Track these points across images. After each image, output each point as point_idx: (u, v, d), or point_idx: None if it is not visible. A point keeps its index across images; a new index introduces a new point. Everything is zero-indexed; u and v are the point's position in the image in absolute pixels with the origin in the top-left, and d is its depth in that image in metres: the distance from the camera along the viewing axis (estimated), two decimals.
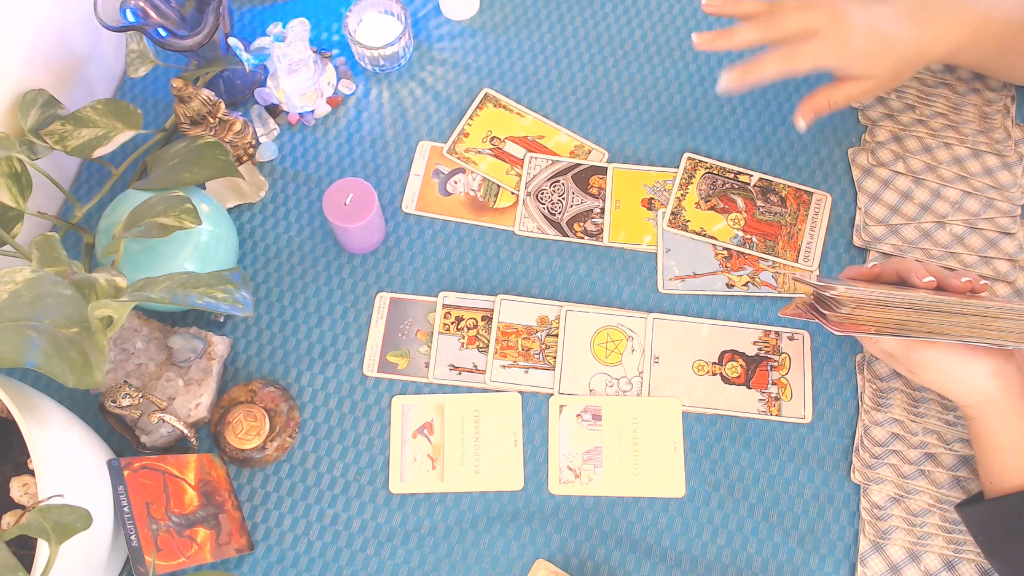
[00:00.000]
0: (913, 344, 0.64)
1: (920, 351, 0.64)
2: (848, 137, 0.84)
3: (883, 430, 0.72)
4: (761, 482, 0.72)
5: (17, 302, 0.52)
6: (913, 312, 0.62)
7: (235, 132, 0.81)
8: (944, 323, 0.61)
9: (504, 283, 0.79)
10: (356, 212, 0.74)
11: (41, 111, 0.75)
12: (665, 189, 0.82)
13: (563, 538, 0.71)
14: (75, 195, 0.84)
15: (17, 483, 0.61)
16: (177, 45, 0.75)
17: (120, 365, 0.73)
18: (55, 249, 0.61)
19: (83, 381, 0.51)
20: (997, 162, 0.80)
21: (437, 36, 0.90)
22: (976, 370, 0.63)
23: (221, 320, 0.78)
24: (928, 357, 0.64)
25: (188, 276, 0.61)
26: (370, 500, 0.72)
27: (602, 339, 0.76)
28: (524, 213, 0.81)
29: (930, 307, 0.61)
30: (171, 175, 0.73)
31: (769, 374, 0.75)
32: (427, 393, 0.75)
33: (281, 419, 0.72)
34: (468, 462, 0.73)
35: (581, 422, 0.74)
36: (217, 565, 0.68)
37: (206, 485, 0.69)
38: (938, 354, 0.64)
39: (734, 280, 0.78)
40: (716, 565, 0.70)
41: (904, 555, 0.68)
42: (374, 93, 0.87)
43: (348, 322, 0.78)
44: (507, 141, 0.84)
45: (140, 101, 0.88)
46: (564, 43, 0.89)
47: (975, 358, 0.63)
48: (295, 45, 0.80)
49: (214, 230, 0.73)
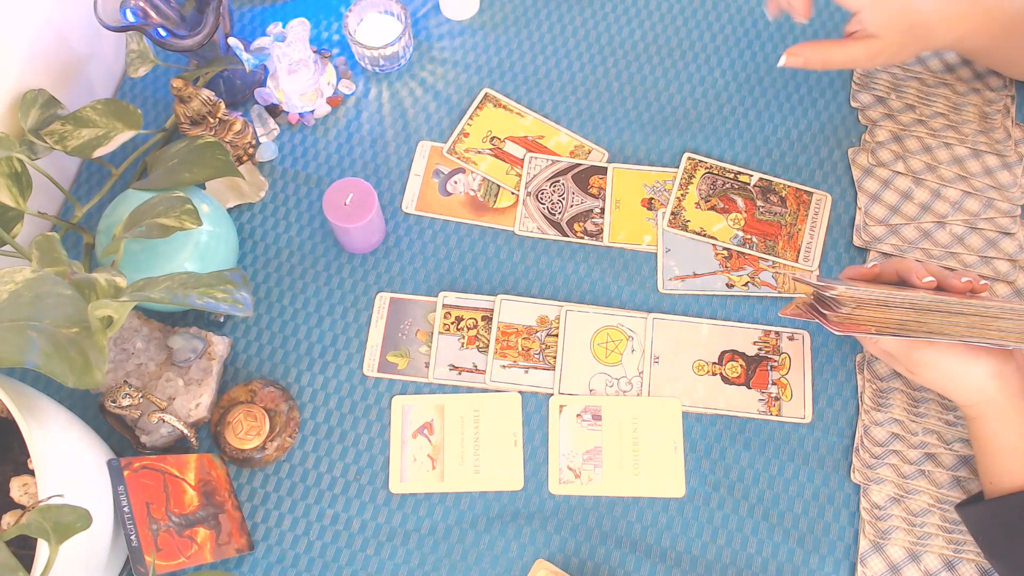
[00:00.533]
0: (913, 344, 0.64)
1: (920, 351, 0.64)
2: (848, 137, 0.84)
3: (883, 430, 0.72)
4: (761, 482, 0.72)
5: (17, 302, 0.52)
6: (913, 312, 0.62)
7: (235, 132, 0.81)
8: (944, 323, 0.61)
9: (504, 283, 0.79)
10: (356, 212, 0.74)
11: (41, 111, 0.75)
12: (665, 189, 0.82)
13: (563, 538, 0.71)
14: (75, 195, 0.84)
15: (17, 483, 0.61)
16: (177, 45, 0.75)
17: (120, 365, 0.73)
18: (55, 249, 0.61)
19: (83, 381, 0.51)
20: (997, 162, 0.80)
21: (437, 36, 0.90)
22: (976, 370, 0.63)
23: (221, 320, 0.78)
24: (928, 357, 0.64)
25: (188, 276, 0.61)
26: (370, 500, 0.72)
27: (602, 339, 0.76)
28: (524, 213, 0.81)
29: (930, 307, 0.61)
30: (171, 175, 0.73)
31: (769, 374, 0.75)
32: (427, 393, 0.75)
33: (281, 419, 0.72)
34: (468, 462, 0.73)
35: (581, 422, 0.74)
36: (217, 565, 0.68)
37: (206, 485, 0.69)
38: (938, 355, 0.64)
39: (734, 280, 0.78)
40: (716, 565, 0.70)
41: (904, 555, 0.68)
42: (374, 93, 0.87)
43: (348, 322, 0.78)
44: (507, 141, 0.84)
45: (140, 101, 0.88)
46: (564, 43, 0.89)
47: (975, 358, 0.63)
48: (295, 45, 0.80)
49: (214, 230, 0.73)
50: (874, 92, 0.84)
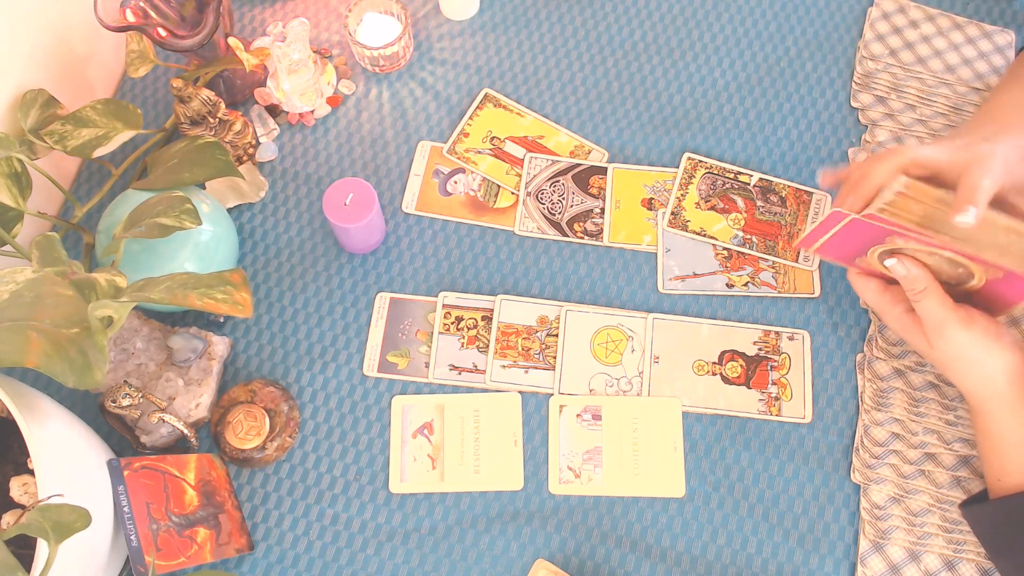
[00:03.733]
0: (950, 317, 0.63)
1: (952, 326, 0.63)
2: (848, 137, 0.84)
3: (883, 430, 0.72)
4: (761, 482, 0.72)
5: (17, 302, 0.52)
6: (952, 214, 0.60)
7: (235, 132, 0.81)
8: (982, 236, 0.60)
9: (504, 283, 0.79)
10: (356, 212, 0.74)
11: (41, 111, 0.75)
12: (665, 189, 0.82)
13: (563, 538, 0.71)
14: (75, 195, 0.84)
15: (17, 483, 0.61)
16: (177, 45, 0.75)
17: (120, 365, 0.73)
18: (55, 249, 0.61)
19: (83, 381, 0.51)
20: None
21: (437, 36, 0.90)
22: (993, 362, 0.63)
23: (221, 320, 0.78)
24: (956, 334, 0.64)
25: (188, 276, 0.61)
26: (370, 500, 0.72)
27: (602, 339, 0.76)
28: (524, 213, 0.81)
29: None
30: (171, 175, 0.73)
31: (769, 374, 0.75)
32: (427, 393, 0.75)
33: (281, 419, 0.72)
34: (468, 462, 0.73)
35: (581, 422, 0.74)
36: (217, 565, 0.68)
37: (206, 485, 0.69)
38: (967, 336, 0.63)
39: (734, 280, 0.78)
40: (716, 565, 0.70)
41: (904, 555, 0.68)
42: (374, 93, 0.87)
43: (348, 322, 0.78)
44: (507, 141, 0.84)
45: (140, 101, 0.88)
46: (564, 43, 0.89)
47: (1000, 350, 0.63)
48: (295, 45, 0.80)
49: (214, 230, 0.73)
50: (874, 92, 0.84)
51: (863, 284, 0.70)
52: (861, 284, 0.70)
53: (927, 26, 0.87)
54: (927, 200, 0.61)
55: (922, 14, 0.88)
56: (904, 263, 0.64)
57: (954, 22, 0.88)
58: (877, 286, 0.69)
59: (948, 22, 0.88)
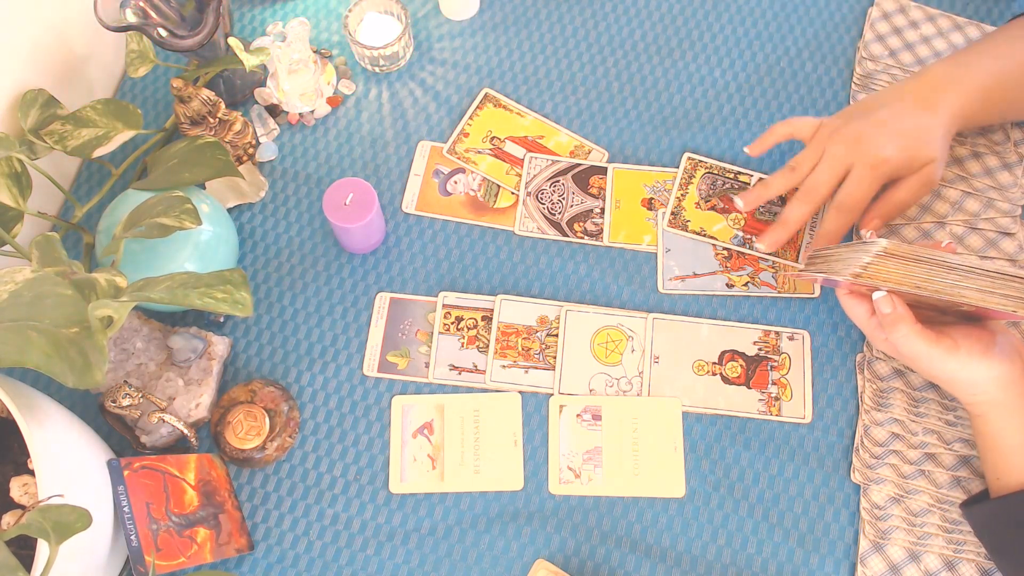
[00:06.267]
0: (932, 352, 0.64)
1: (940, 360, 0.64)
2: None
3: (883, 430, 0.72)
4: (761, 482, 0.72)
5: (17, 302, 0.52)
6: (939, 269, 0.61)
7: (235, 132, 0.81)
8: (958, 284, 0.60)
9: (504, 283, 0.79)
10: (356, 212, 0.74)
11: (41, 111, 0.75)
12: (665, 189, 0.82)
13: (563, 538, 0.71)
14: (75, 195, 0.84)
15: (17, 483, 0.61)
16: (177, 45, 0.75)
17: (120, 365, 0.73)
18: (55, 249, 0.61)
19: (83, 381, 0.51)
20: (997, 162, 0.80)
21: (437, 36, 0.90)
22: (982, 377, 0.63)
23: (221, 320, 0.78)
24: (944, 366, 0.64)
25: (188, 276, 0.61)
26: (370, 500, 0.72)
27: (602, 339, 0.76)
28: (524, 213, 0.81)
29: (953, 266, 0.61)
30: (171, 175, 0.73)
31: (769, 374, 0.75)
32: (427, 393, 0.75)
33: (281, 419, 0.72)
34: (468, 462, 0.73)
35: (581, 422, 0.74)
36: (217, 565, 0.68)
37: (206, 485, 0.69)
38: (952, 364, 0.63)
39: (734, 280, 0.78)
40: (716, 565, 0.70)
41: (904, 555, 0.68)
42: (374, 93, 0.87)
43: (348, 322, 0.78)
44: (507, 141, 0.84)
45: (140, 101, 0.88)
46: (564, 43, 0.89)
47: (986, 364, 0.63)
48: (295, 45, 0.80)
49: (214, 230, 0.73)
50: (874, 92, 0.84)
51: (853, 306, 0.69)
52: (851, 305, 0.69)
53: (927, 27, 0.87)
54: (906, 255, 0.61)
55: (923, 14, 0.88)
56: (890, 300, 0.64)
57: (954, 23, 0.88)
58: (867, 310, 0.68)
59: (948, 23, 0.88)
